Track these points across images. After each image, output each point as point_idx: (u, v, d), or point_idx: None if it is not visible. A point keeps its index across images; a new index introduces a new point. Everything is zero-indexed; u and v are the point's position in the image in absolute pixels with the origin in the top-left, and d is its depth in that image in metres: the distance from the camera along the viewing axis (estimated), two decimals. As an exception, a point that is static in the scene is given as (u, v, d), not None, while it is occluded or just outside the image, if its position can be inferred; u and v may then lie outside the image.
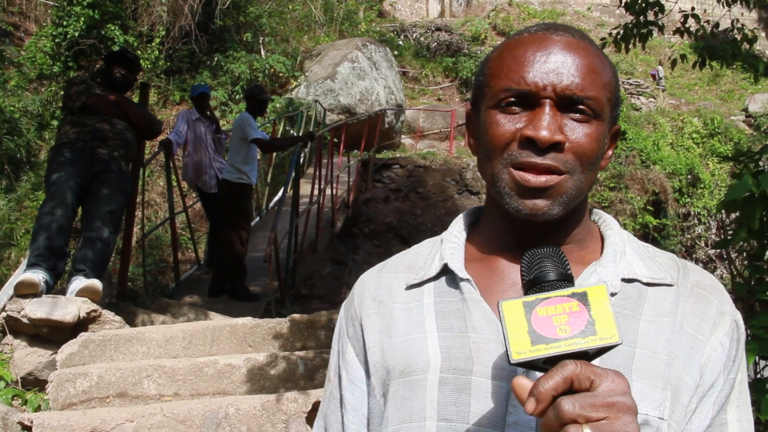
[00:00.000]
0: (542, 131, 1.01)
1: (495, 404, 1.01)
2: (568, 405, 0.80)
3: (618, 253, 1.11)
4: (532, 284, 0.92)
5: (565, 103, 1.03)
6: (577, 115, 1.04)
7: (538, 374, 0.87)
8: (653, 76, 24.30)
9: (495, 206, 1.13)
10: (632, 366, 1.00)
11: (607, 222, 1.18)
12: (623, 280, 1.08)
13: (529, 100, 1.04)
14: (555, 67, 1.04)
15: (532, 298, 0.89)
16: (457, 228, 1.21)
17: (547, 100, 1.03)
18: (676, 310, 1.06)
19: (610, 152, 1.15)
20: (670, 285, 1.09)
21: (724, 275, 14.25)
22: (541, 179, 1.02)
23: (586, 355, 0.86)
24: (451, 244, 1.17)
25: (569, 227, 1.12)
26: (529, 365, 0.87)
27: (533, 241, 1.09)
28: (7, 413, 3.81)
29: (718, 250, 14.88)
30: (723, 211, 3.28)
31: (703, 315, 1.07)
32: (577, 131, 1.03)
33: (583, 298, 0.88)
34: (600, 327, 0.86)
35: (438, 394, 1.04)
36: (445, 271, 1.14)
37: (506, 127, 1.05)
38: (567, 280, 0.92)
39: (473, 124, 1.17)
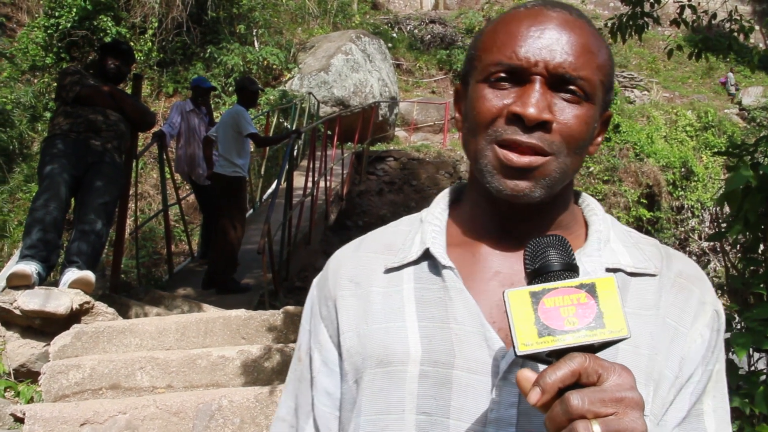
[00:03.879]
0: (530, 108, 0.97)
1: (476, 400, 0.98)
2: (577, 400, 0.78)
3: (602, 241, 1.08)
4: (537, 274, 0.89)
5: (557, 81, 0.99)
6: (568, 95, 1.00)
7: (542, 367, 0.85)
8: (723, 83, 24.17)
9: (477, 186, 1.08)
10: (615, 361, 0.95)
11: (592, 207, 1.14)
12: (607, 269, 1.05)
13: (520, 76, 1.00)
14: (549, 43, 1.00)
15: (539, 288, 0.86)
16: (439, 209, 1.16)
17: (538, 77, 0.99)
18: (659, 302, 1.04)
19: (599, 138, 1.11)
20: (654, 275, 1.06)
21: (717, 268, 14.30)
22: (524, 159, 0.98)
23: (592, 348, 0.84)
24: (432, 226, 1.12)
25: (553, 212, 1.09)
26: (534, 357, 0.85)
27: (516, 224, 1.07)
28: (0, 405, 3.79)
29: (712, 243, 14.92)
30: (722, 203, 3.27)
31: (685, 306, 1.05)
32: (566, 112, 1.00)
33: (591, 289, 0.86)
34: (608, 320, 0.84)
35: (418, 387, 1.01)
36: (427, 256, 1.09)
37: (493, 102, 1.01)
38: (572, 270, 0.89)
39: (461, 100, 1.12)
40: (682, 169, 16.85)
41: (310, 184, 9.16)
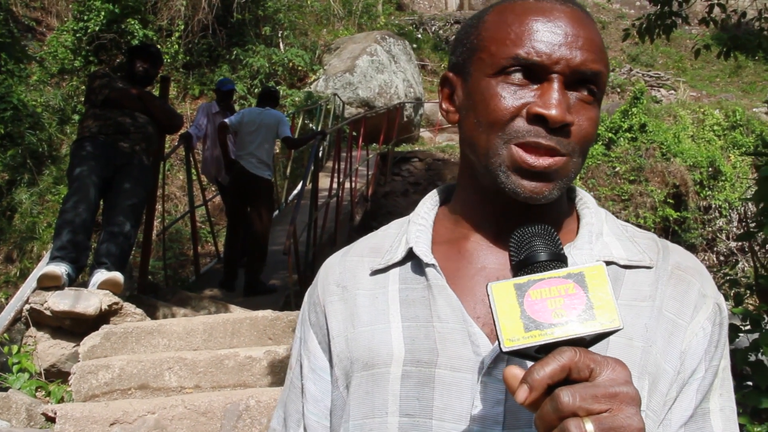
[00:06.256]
0: (555, 110, 0.93)
1: (459, 398, 0.95)
2: (568, 397, 0.73)
3: (594, 234, 1.04)
4: (522, 265, 0.84)
5: (575, 80, 0.96)
6: (584, 95, 0.97)
7: (530, 364, 0.79)
8: None
9: (472, 182, 1.06)
10: (607, 354, 0.91)
11: (584, 200, 1.10)
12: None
13: (537, 73, 0.96)
14: (569, 40, 0.95)
15: (524, 279, 0.81)
16: (426, 208, 1.13)
17: (558, 76, 0.95)
18: (655, 294, 1.00)
19: None
20: (649, 267, 1.02)
21: (746, 268, 14.12)
22: (546, 161, 0.95)
23: (582, 342, 0.79)
24: (417, 225, 1.09)
25: (551, 208, 1.05)
26: (521, 354, 0.80)
27: (512, 222, 0.99)
28: (32, 404, 3.85)
29: (740, 243, 14.73)
30: (758, 201, 3.23)
31: (684, 298, 1.00)
32: (581, 113, 0.96)
33: (579, 279, 0.80)
34: (599, 311, 0.79)
35: (400, 389, 0.98)
36: (411, 256, 1.06)
37: (509, 100, 0.96)
38: (560, 260, 0.84)
39: (449, 89, 1.08)
40: (710, 169, 16.64)
41: (335, 186, 9.18)
